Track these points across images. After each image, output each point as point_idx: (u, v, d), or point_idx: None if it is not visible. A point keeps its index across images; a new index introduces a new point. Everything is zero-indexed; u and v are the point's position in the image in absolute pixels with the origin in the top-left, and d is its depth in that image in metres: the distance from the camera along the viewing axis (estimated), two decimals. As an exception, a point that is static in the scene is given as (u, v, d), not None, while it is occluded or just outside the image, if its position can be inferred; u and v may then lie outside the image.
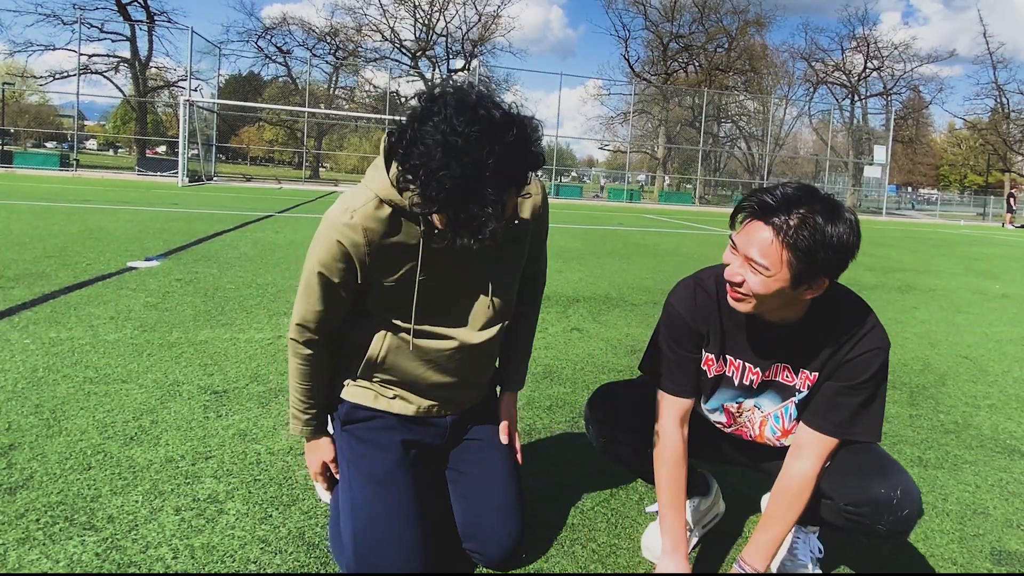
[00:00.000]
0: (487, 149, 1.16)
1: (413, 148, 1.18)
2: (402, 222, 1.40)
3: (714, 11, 40.13)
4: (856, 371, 1.39)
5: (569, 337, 3.95)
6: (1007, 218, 30.02)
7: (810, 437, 1.44)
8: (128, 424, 2.30)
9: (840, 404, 1.41)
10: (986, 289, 7.32)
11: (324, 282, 1.44)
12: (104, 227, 7.83)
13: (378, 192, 1.37)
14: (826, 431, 1.42)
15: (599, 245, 9.58)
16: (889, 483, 1.38)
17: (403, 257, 1.43)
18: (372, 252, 1.39)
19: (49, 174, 22.75)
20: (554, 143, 35.30)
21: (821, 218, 1.22)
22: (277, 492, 1.90)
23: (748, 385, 1.50)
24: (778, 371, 1.47)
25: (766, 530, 1.45)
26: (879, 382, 1.41)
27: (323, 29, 37.15)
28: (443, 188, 1.16)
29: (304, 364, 1.57)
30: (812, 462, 1.42)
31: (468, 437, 1.70)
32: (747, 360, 1.48)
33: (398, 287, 1.46)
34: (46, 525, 1.66)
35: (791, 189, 1.26)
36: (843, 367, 1.40)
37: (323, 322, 1.51)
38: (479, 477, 1.64)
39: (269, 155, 51.27)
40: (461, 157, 1.15)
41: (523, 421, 2.58)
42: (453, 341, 1.55)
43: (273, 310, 4.13)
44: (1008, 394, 3.37)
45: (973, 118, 43.38)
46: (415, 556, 1.45)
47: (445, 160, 1.15)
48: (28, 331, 3.34)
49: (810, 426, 1.44)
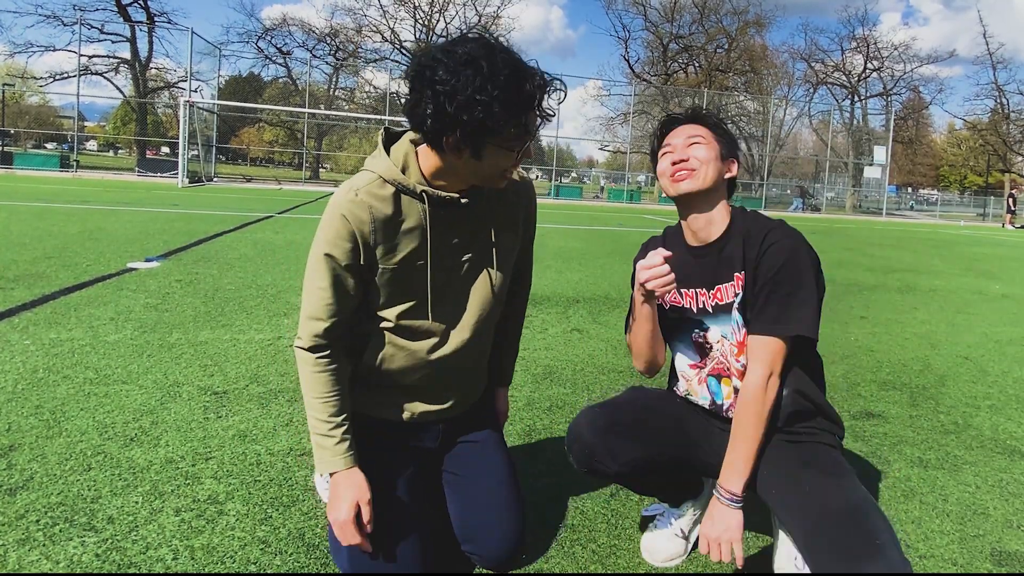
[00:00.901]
0: (514, 82, 1.23)
1: (441, 68, 1.22)
2: (404, 201, 1.41)
3: (714, 12, 40.18)
4: (769, 263, 1.44)
5: (569, 338, 3.95)
6: (1007, 218, 30.03)
7: (753, 343, 1.46)
8: (128, 425, 2.30)
9: (767, 301, 1.44)
10: (986, 289, 7.31)
11: (332, 265, 1.39)
12: (104, 228, 7.84)
13: (380, 173, 1.40)
14: (763, 331, 1.44)
15: (599, 246, 9.58)
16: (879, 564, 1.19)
17: (405, 238, 1.42)
18: (376, 229, 1.38)
19: (49, 175, 22.76)
20: (554, 144, 35.32)
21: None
22: (277, 493, 1.90)
23: (704, 309, 1.55)
24: (724, 291, 1.53)
25: (733, 449, 1.45)
26: (797, 273, 1.43)
27: (323, 30, 37.20)
28: (473, 104, 1.20)
29: (322, 371, 1.45)
30: (760, 367, 1.43)
31: (463, 440, 1.70)
32: (696, 287, 1.57)
33: (398, 274, 1.44)
34: (46, 526, 1.66)
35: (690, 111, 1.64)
36: (760, 264, 1.46)
37: (333, 317, 1.43)
38: (477, 479, 1.64)
39: (269, 156, 51.28)
40: (494, 79, 1.20)
41: (523, 421, 2.58)
42: (450, 341, 1.55)
43: (273, 311, 4.13)
44: (1008, 394, 3.37)
45: (973, 119, 43.42)
46: (411, 555, 1.45)
47: (479, 81, 1.20)
48: (28, 332, 3.34)
49: (750, 332, 1.47)
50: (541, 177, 52.22)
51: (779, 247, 1.44)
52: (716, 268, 1.53)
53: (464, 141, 1.26)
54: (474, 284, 1.54)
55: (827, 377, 1.67)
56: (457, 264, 1.50)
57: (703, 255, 1.56)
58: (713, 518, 1.43)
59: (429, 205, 1.40)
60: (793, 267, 1.43)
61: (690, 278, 1.57)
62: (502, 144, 1.29)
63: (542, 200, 27.42)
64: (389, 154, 1.41)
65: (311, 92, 36.34)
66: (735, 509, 1.42)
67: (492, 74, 1.21)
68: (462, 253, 1.49)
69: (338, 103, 38.14)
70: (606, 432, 1.55)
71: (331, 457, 1.44)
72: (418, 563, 1.46)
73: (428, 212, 1.41)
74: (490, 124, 1.23)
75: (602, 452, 1.55)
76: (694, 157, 1.51)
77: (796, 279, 1.43)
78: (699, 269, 1.56)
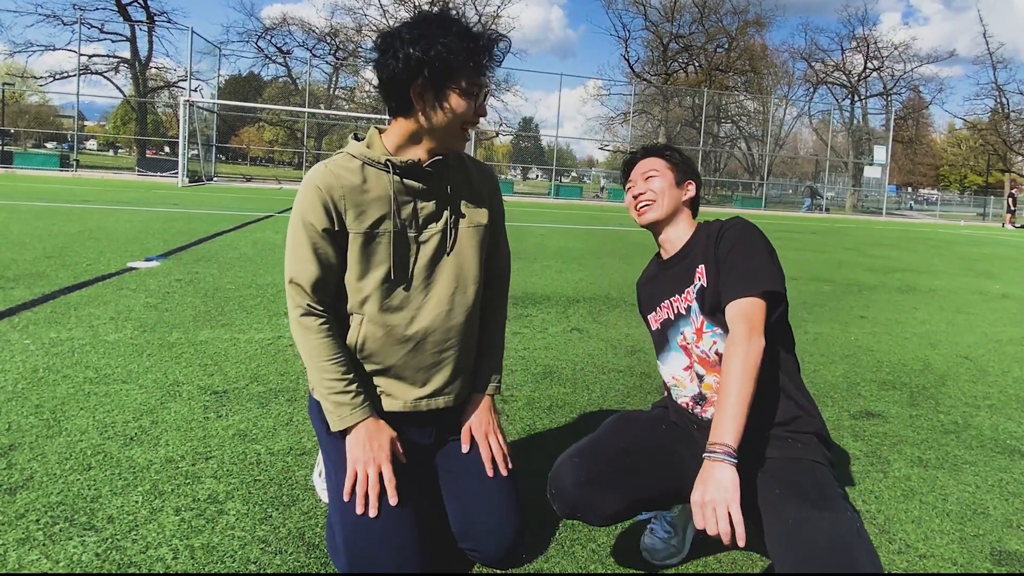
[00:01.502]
0: (467, 29, 1.44)
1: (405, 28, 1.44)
2: (371, 173, 1.54)
3: (714, 11, 40.13)
4: (727, 243, 1.55)
5: (569, 337, 3.95)
6: (1007, 218, 30.03)
7: (729, 311, 1.49)
8: (128, 424, 2.30)
9: (730, 271, 1.52)
10: (986, 289, 7.32)
11: (310, 233, 1.50)
12: (104, 227, 7.84)
13: (348, 151, 1.57)
14: (735, 295, 1.48)
15: (599, 245, 9.58)
16: (821, 521, 1.26)
17: (372, 205, 1.53)
18: (345, 196, 1.50)
19: (49, 174, 22.75)
20: (554, 143, 35.30)
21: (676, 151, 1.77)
22: (277, 492, 1.90)
23: (680, 312, 1.63)
24: (690, 292, 1.61)
25: (722, 402, 1.37)
26: (752, 245, 1.54)
27: (323, 29, 37.12)
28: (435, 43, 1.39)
29: (324, 337, 1.52)
30: (740, 325, 1.45)
31: (456, 438, 1.70)
32: (670, 296, 1.66)
33: (368, 239, 1.52)
34: (46, 525, 1.66)
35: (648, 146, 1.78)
36: (718, 249, 1.57)
37: (317, 282, 1.51)
38: (473, 475, 1.64)
39: (269, 155, 51.26)
40: (451, 26, 1.43)
41: (523, 421, 2.58)
42: (424, 313, 1.58)
43: (273, 310, 4.13)
44: (1008, 394, 3.37)
45: (973, 118, 43.37)
46: (408, 553, 1.45)
47: (438, 29, 1.42)
48: (28, 331, 3.34)
49: (725, 303, 1.51)
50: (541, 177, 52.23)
51: (733, 230, 1.58)
52: (683, 272, 1.65)
53: (429, 83, 1.42)
54: (445, 257, 1.61)
55: (827, 377, 1.68)
56: (426, 236, 1.58)
57: (672, 265, 1.69)
58: (704, 481, 1.29)
59: (393, 171, 1.53)
60: (749, 241, 1.55)
61: (665, 290, 1.69)
62: (461, 90, 1.45)
63: (542, 200, 27.41)
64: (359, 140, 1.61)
65: (311, 92, 36.32)
66: (729, 465, 1.29)
67: (449, 24, 1.43)
68: (429, 223, 1.58)
69: (338, 103, 38.11)
70: (589, 484, 1.51)
71: (351, 411, 1.51)
72: (417, 562, 1.46)
73: (392, 180, 1.53)
74: (451, 60, 1.40)
75: (585, 507, 1.52)
76: (651, 190, 1.68)
77: (753, 249, 1.54)
78: (670, 279, 1.68)
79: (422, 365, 1.62)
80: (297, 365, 3.08)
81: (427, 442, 1.68)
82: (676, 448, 1.61)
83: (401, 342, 1.58)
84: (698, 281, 1.59)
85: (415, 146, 1.54)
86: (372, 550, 1.44)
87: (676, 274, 1.67)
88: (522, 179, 54.69)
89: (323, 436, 1.66)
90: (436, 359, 1.63)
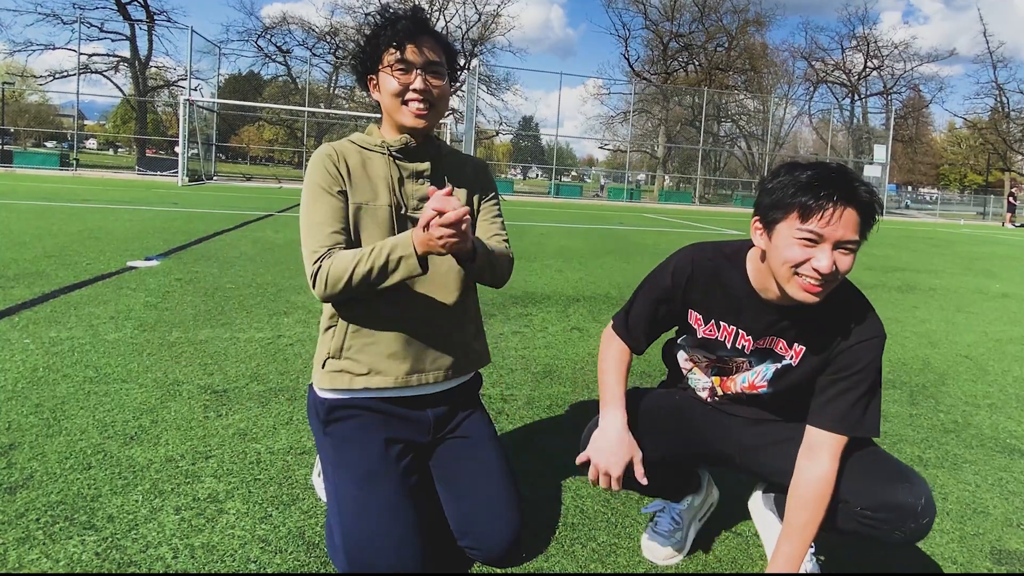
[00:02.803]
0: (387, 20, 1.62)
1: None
2: (369, 155, 1.67)
3: (714, 10, 40.13)
4: (852, 359, 1.41)
5: (569, 337, 3.95)
6: (1007, 217, 30.03)
7: (820, 437, 1.43)
8: (128, 424, 2.30)
9: (842, 398, 1.42)
10: (986, 288, 7.32)
11: (324, 194, 1.59)
12: (104, 226, 7.83)
13: (349, 138, 1.71)
14: (834, 428, 1.42)
15: (599, 244, 9.58)
16: (914, 491, 1.38)
17: (370, 181, 1.63)
18: (347, 166, 1.63)
19: (49, 173, 22.74)
20: (554, 142, 35.30)
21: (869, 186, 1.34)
22: (277, 492, 1.90)
23: (740, 349, 1.53)
24: (773, 342, 1.50)
25: (789, 541, 1.42)
26: (875, 373, 1.42)
27: (323, 28, 37.13)
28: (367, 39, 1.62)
29: (343, 255, 1.51)
30: (828, 462, 1.41)
31: (454, 435, 1.71)
32: (741, 328, 1.52)
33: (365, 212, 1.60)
34: (46, 524, 1.66)
35: (834, 171, 1.32)
36: (840, 355, 1.42)
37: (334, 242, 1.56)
38: (471, 473, 1.64)
39: (269, 155, 51.20)
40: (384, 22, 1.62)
41: (523, 420, 2.58)
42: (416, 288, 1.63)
43: (273, 309, 4.13)
44: (1008, 393, 3.37)
45: (973, 117, 43.39)
46: (406, 551, 1.46)
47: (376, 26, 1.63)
48: (28, 331, 3.34)
49: (817, 425, 1.44)
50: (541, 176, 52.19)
51: (866, 346, 1.41)
52: (774, 321, 1.48)
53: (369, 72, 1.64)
54: None
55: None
56: (417, 214, 1.63)
57: (763, 306, 1.48)
58: None
59: (387, 151, 1.66)
60: (872, 367, 1.42)
61: (736, 315, 1.51)
62: (387, 70, 1.60)
63: (542, 199, 27.42)
64: None
65: (311, 91, 36.32)
66: None
67: (387, 17, 1.61)
68: (423, 201, 1.64)
69: (338, 102, 38.11)
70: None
71: (404, 239, 1.47)
72: (417, 561, 1.46)
73: (389, 160, 1.66)
74: (369, 48, 1.62)
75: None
76: (841, 269, 1.32)
77: (873, 379, 1.42)
78: (753, 313, 1.49)
79: (412, 339, 1.64)
80: (297, 364, 3.08)
81: (425, 440, 1.68)
82: (691, 410, 1.67)
83: (390, 317, 1.62)
84: (786, 357, 1.48)
85: (395, 132, 1.68)
86: (371, 549, 1.44)
87: (762, 316, 1.48)
88: (522, 178, 54.64)
89: (320, 436, 1.66)
90: (425, 334, 1.65)
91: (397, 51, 1.58)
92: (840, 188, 1.29)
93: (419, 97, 1.60)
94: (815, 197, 1.29)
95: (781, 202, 1.32)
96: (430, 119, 1.64)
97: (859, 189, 1.30)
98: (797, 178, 1.31)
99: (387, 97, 1.62)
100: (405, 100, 1.60)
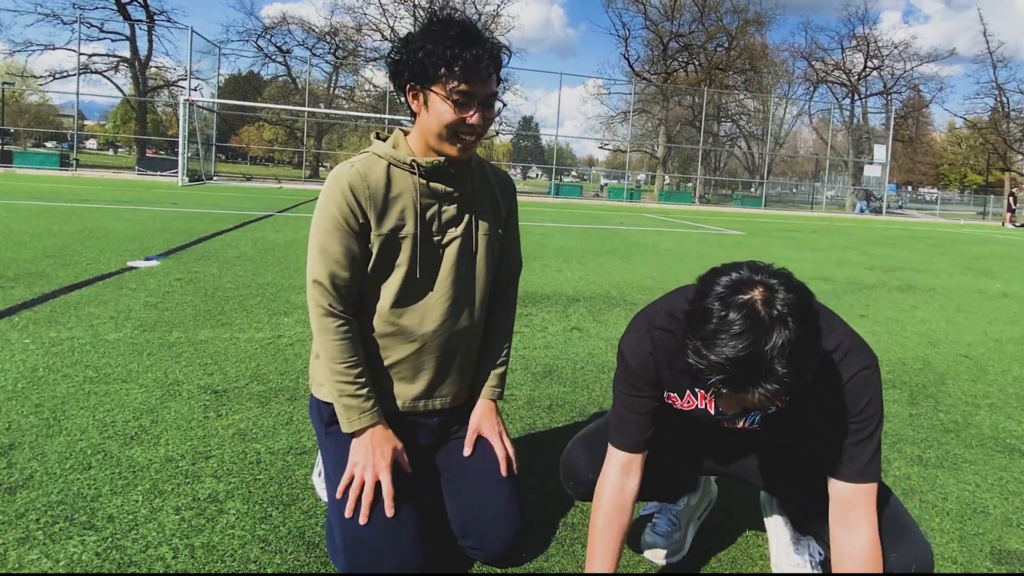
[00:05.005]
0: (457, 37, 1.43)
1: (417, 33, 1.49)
2: (396, 174, 1.55)
3: (714, 10, 40.10)
4: (855, 395, 1.27)
5: (569, 336, 3.95)
6: (1007, 217, 30.04)
7: (850, 492, 1.28)
8: (128, 424, 2.30)
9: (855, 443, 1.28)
10: (986, 288, 7.31)
11: (335, 233, 1.49)
12: (104, 226, 7.83)
13: (374, 151, 1.57)
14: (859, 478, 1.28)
15: (599, 244, 9.58)
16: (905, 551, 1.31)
17: (395, 206, 1.53)
18: (371, 196, 1.51)
19: (49, 174, 22.74)
20: (554, 142, 35.30)
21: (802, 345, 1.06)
22: (277, 491, 1.90)
23: (721, 410, 1.35)
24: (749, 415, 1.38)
25: None
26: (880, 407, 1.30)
27: (323, 28, 37.08)
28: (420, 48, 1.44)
29: (342, 339, 1.51)
30: (867, 526, 1.27)
31: (457, 436, 1.70)
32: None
33: (388, 241, 1.53)
34: (46, 524, 1.66)
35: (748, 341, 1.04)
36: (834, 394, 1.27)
37: (341, 279, 1.51)
38: (474, 474, 1.64)
39: (269, 155, 51.22)
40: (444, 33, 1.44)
41: (523, 420, 2.58)
42: (434, 314, 1.59)
43: (273, 309, 4.13)
44: (1008, 393, 3.37)
45: (973, 117, 43.35)
46: (407, 552, 1.45)
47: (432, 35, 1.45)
48: (28, 331, 3.34)
49: (842, 479, 1.29)
50: (541, 176, 52.19)
51: (864, 380, 1.26)
52: None
53: (415, 85, 1.48)
54: (461, 260, 1.60)
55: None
56: (446, 239, 1.59)
57: None
58: None
59: (417, 171, 1.54)
60: (878, 402, 1.28)
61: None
62: (442, 95, 1.44)
63: (542, 199, 27.41)
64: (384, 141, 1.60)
65: (311, 91, 36.30)
66: None
67: (444, 31, 1.43)
68: (449, 226, 1.59)
69: (338, 102, 38.09)
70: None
71: (361, 415, 1.52)
72: (417, 561, 1.46)
73: (417, 182, 1.54)
74: (428, 64, 1.43)
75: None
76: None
77: (880, 416, 1.29)
78: None
79: (425, 366, 1.63)
80: (297, 364, 3.08)
81: (428, 441, 1.68)
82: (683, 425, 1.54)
83: (408, 342, 1.59)
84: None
85: (422, 141, 1.54)
86: (372, 549, 1.44)
87: None
88: (522, 178, 54.65)
89: (322, 436, 1.66)
90: (439, 361, 1.64)
91: (463, 83, 1.43)
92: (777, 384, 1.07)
93: (472, 131, 1.49)
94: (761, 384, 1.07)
95: None
96: (473, 149, 1.56)
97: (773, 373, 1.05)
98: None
99: (435, 121, 1.47)
100: (455, 132, 1.48)
